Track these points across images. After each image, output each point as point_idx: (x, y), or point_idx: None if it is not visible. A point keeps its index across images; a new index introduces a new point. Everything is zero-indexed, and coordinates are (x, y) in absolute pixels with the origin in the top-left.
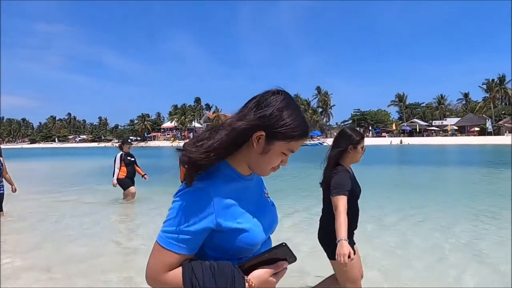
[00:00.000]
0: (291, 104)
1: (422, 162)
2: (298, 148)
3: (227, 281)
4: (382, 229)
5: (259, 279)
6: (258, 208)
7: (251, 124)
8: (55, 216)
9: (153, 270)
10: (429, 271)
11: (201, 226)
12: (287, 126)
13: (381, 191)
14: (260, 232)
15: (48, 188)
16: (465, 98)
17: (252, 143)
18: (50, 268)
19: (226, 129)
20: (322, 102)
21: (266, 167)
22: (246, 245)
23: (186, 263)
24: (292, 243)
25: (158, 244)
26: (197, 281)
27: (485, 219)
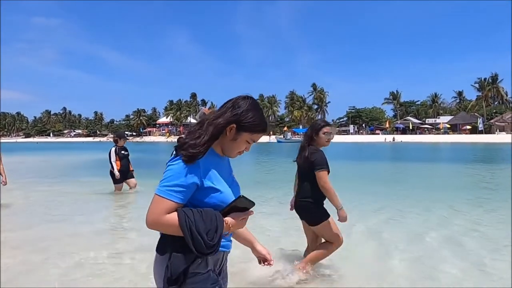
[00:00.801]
0: (256, 106)
1: (408, 158)
2: (258, 140)
3: (212, 220)
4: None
5: (233, 220)
6: (228, 180)
7: (228, 120)
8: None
9: (154, 215)
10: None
11: (192, 181)
12: (252, 122)
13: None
14: (230, 195)
15: (35, 179)
16: (459, 96)
17: (226, 133)
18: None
19: (213, 125)
20: (317, 99)
21: (234, 150)
22: (219, 202)
23: (180, 209)
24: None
25: (157, 195)
26: (189, 219)
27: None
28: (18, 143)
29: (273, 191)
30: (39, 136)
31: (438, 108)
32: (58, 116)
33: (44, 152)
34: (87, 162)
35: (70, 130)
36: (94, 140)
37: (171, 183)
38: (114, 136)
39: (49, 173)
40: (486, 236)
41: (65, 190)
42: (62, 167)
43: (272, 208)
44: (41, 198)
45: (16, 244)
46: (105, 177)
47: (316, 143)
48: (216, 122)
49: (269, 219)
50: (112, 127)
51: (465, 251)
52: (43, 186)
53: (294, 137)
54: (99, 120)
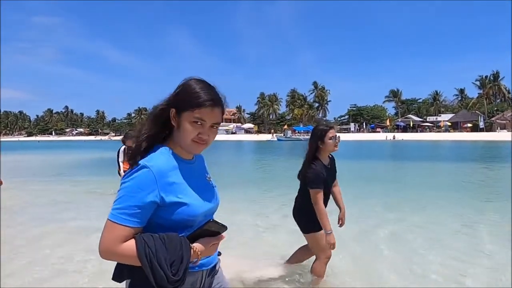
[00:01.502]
0: (199, 82)
1: (406, 157)
2: (211, 118)
3: (176, 248)
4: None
5: (202, 247)
6: (198, 187)
7: (164, 103)
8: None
9: (107, 244)
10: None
11: (148, 200)
12: (190, 96)
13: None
14: (199, 207)
15: (30, 178)
16: (460, 94)
17: (173, 124)
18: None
19: (149, 118)
20: (318, 97)
21: (185, 140)
22: (187, 217)
23: (138, 236)
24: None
25: (110, 220)
26: (150, 249)
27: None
28: (20, 142)
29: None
30: (41, 134)
31: (439, 106)
32: (60, 114)
33: (44, 151)
34: (84, 161)
35: (72, 129)
36: (96, 139)
37: (124, 204)
38: (122, 137)
39: (44, 172)
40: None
41: (57, 189)
42: (58, 166)
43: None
44: (30, 197)
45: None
46: (101, 176)
47: (323, 151)
48: (155, 111)
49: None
50: (113, 126)
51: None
52: (35, 185)
53: (294, 135)
54: (101, 118)
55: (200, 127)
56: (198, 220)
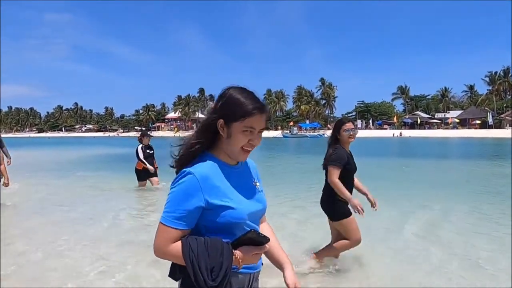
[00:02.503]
0: (241, 90)
1: (410, 154)
2: (260, 124)
3: (217, 253)
4: None
5: (244, 254)
6: (243, 191)
7: (212, 115)
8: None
9: (159, 244)
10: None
11: (193, 204)
12: (237, 106)
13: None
14: (244, 209)
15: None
16: (470, 90)
17: (221, 134)
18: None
19: (198, 129)
20: (325, 94)
21: (234, 149)
22: (232, 219)
23: (184, 238)
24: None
25: (161, 223)
26: (193, 252)
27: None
28: (31, 138)
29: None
30: (51, 131)
31: (448, 103)
32: (70, 111)
33: (52, 147)
34: (90, 158)
35: (81, 125)
36: (104, 135)
37: (172, 208)
38: (139, 135)
39: (48, 167)
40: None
41: (57, 184)
42: (65, 162)
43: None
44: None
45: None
46: (106, 171)
47: (341, 141)
48: (204, 124)
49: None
50: (122, 122)
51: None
52: (38, 179)
53: (300, 132)
54: (110, 115)
55: (250, 135)
56: (244, 223)
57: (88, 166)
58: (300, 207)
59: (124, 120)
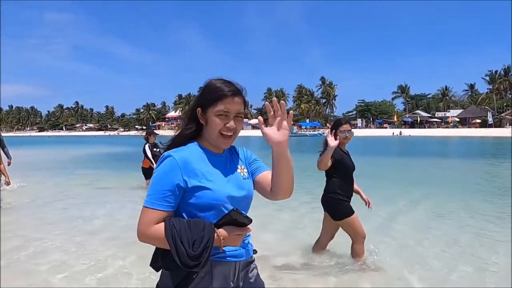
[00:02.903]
0: (219, 80)
1: (408, 153)
2: (234, 107)
3: (199, 230)
4: None
5: (225, 233)
6: (225, 176)
7: (191, 106)
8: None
9: (141, 227)
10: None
11: (173, 183)
12: (211, 92)
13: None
14: (222, 192)
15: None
16: (470, 89)
17: (201, 122)
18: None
19: (183, 120)
20: (325, 93)
21: (213, 134)
22: (210, 200)
23: (167, 219)
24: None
25: (144, 207)
26: (175, 229)
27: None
28: (32, 137)
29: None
30: (52, 130)
31: (448, 102)
32: (70, 110)
33: (52, 146)
34: (88, 156)
35: (82, 124)
36: (104, 134)
37: (153, 190)
38: (145, 134)
39: (47, 166)
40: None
41: (55, 182)
42: (63, 161)
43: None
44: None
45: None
46: (100, 170)
47: (339, 142)
48: (187, 114)
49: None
50: (123, 121)
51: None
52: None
53: (299, 131)
54: (110, 114)
55: (225, 119)
56: (222, 205)
57: (87, 165)
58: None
59: (125, 119)
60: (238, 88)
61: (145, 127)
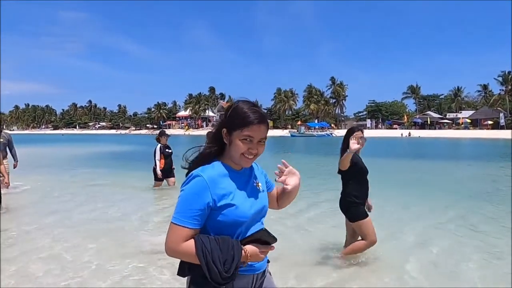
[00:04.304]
0: (246, 103)
1: (410, 155)
2: (259, 134)
3: (229, 249)
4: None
5: (252, 251)
6: (246, 192)
7: (217, 126)
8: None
9: (171, 243)
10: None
11: (203, 204)
12: (238, 118)
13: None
14: (247, 208)
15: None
16: (484, 90)
17: (225, 141)
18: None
19: (208, 139)
20: (335, 93)
21: (235, 155)
22: (236, 217)
23: (196, 237)
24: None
25: (172, 223)
26: (206, 248)
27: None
28: (45, 135)
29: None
30: (66, 128)
31: (460, 102)
32: (84, 109)
33: (64, 144)
34: (90, 155)
35: (95, 123)
36: (116, 133)
37: (183, 209)
38: (157, 135)
39: (53, 164)
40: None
41: (55, 180)
42: (66, 159)
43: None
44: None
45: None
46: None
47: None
48: (212, 134)
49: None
50: (134, 120)
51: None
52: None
53: (307, 131)
54: (123, 113)
55: (249, 143)
56: (248, 221)
57: (93, 163)
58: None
59: (137, 118)
60: (264, 115)
61: (155, 126)
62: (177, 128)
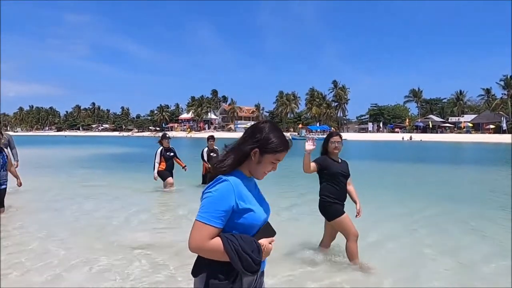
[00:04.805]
0: (275, 129)
1: (405, 159)
2: (283, 157)
3: (251, 244)
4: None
5: (266, 246)
6: (258, 198)
7: (249, 147)
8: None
9: (197, 241)
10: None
11: (229, 205)
12: (272, 144)
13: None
14: (262, 213)
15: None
16: (486, 94)
17: (251, 157)
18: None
19: (235, 152)
20: (337, 96)
21: (260, 172)
22: (253, 221)
23: (222, 235)
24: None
25: (198, 221)
26: (233, 243)
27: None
28: (49, 137)
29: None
30: (70, 130)
31: (462, 106)
32: (87, 111)
33: (64, 145)
34: (88, 156)
35: (98, 125)
36: (119, 135)
37: (211, 209)
38: (160, 138)
39: (52, 165)
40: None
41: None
42: (66, 160)
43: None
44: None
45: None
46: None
47: (328, 151)
48: (240, 148)
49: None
50: (137, 122)
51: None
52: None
53: (308, 134)
54: (126, 115)
55: (275, 165)
56: (260, 224)
57: (91, 165)
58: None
59: (139, 120)
60: (290, 144)
61: (158, 128)
62: (179, 130)
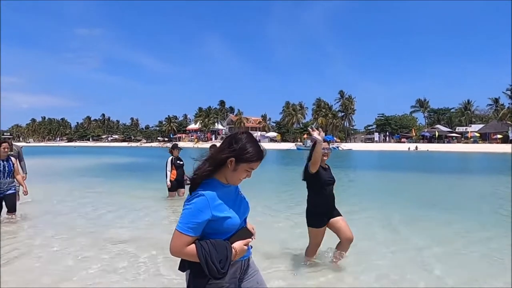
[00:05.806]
0: (250, 140)
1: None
2: (257, 166)
3: (223, 252)
4: None
5: (240, 248)
6: (235, 203)
7: (226, 155)
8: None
9: (176, 247)
10: None
11: (204, 218)
12: (247, 154)
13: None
14: (237, 218)
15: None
16: (495, 103)
17: (227, 165)
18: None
19: (211, 161)
20: (343, 106)
21: (236, 179)
22: (230, 226)
23: (197, 242)
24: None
25: (177, 231)
26: (205, 251)
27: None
28: (58, 147)
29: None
30: (80, 140)
31: (470, 116)
32: (98, 122)
33: (72, 155)
34: (93, 166)
35: (108, 135)
36: (128, 145)
37: (188, 220)
38: (170, 148)
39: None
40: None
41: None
42: (72, 169)
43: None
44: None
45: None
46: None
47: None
48: (217, 157)
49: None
50: (146, 133)
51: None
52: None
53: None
54: (135, 126)
55: (249, 173)
56: (236, 228)
57: (95, 173)
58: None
59: (148, 130)
60: (264, 154)
61: (166, 139)
62: (187, 140)
